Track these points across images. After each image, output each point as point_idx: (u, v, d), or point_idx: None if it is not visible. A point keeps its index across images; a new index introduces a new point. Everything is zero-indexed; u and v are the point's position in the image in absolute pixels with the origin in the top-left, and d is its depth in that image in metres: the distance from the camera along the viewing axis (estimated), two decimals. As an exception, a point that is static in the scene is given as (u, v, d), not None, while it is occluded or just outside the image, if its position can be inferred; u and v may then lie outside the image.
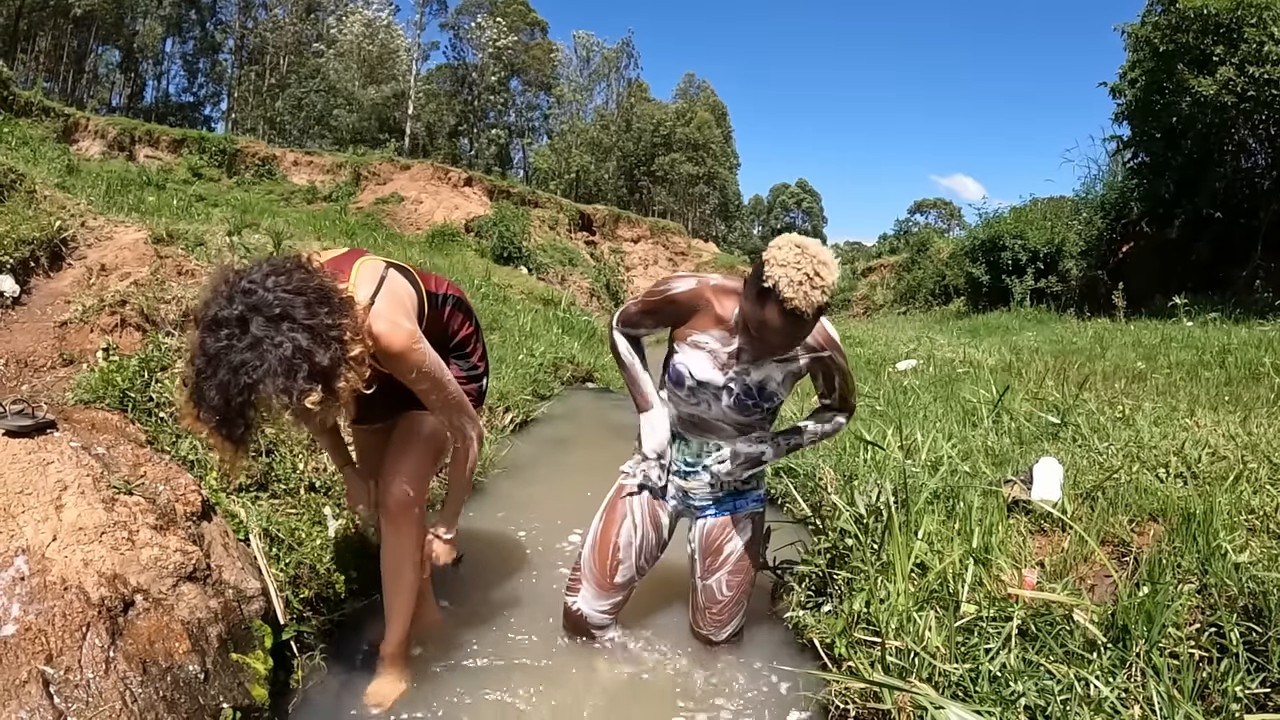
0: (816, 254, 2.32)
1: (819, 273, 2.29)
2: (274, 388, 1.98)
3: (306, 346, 2.01)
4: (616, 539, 3.02)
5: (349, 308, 2.16)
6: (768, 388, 2.76)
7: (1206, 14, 12.96)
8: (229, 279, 2.06)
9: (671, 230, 38.34)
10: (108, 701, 1.84)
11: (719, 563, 3.00)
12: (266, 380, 1.97)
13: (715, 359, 2.75)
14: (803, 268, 2.28)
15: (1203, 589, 2.51)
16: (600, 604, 3.05)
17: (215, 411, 1.99)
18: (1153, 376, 6.18)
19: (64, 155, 13.83)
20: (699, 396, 2.81)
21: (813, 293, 2.28)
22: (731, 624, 3.08)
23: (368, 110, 45.92)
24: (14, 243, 4.29)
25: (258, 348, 1.98)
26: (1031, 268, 17.44)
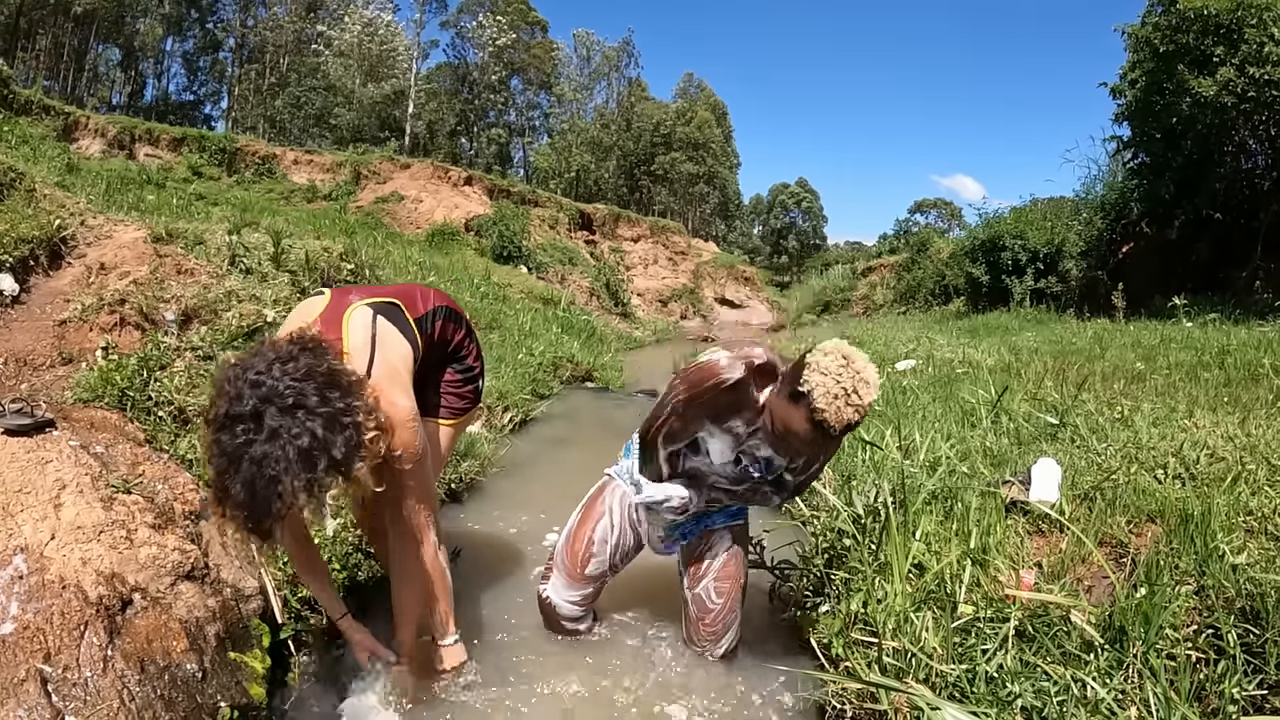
0: (860, 370, 2.25)
1: (858, 390, 2.23)
2: (296, 484, 1.97)
3: (323, 436, 2.00)
4: (591, 533, 3.05)
5: (360, 388, 2.15)
6: (774, 463, 2.76)
7: (1207, 15, 12.94)
8: (234, 374, 2.04)
9: (671, 230, 38.30)
10: (105, 700, 1.85)
11: (703, 570, 3.01)
12: (287, 477, 1.95)
13: (737, 441, 2.71)
14: (842, 382, 2.22)
15: (1200, 590, 2.51)
16: (569, 594, 3.07)
17: (241, 508, 1.97)
18: (1152, 377, 6.18)
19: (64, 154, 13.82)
20: (707, 463, 2.83)
21: (846, 409, 2.22)
22: (726, 637, 3.05)
23: (368, 109, 45.88)
24: (14, 241, 4.29)
25: (276, 439, 1.96)
26: (1031, 268, 17.41)
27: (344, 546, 3.31)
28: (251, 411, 1.97)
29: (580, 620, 3.14)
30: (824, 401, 2.21)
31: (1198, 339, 8.63)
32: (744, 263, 42.52)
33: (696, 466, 2.85)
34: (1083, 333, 10.86)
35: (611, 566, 3.09)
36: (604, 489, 3.12)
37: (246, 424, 1.96)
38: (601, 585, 3.13)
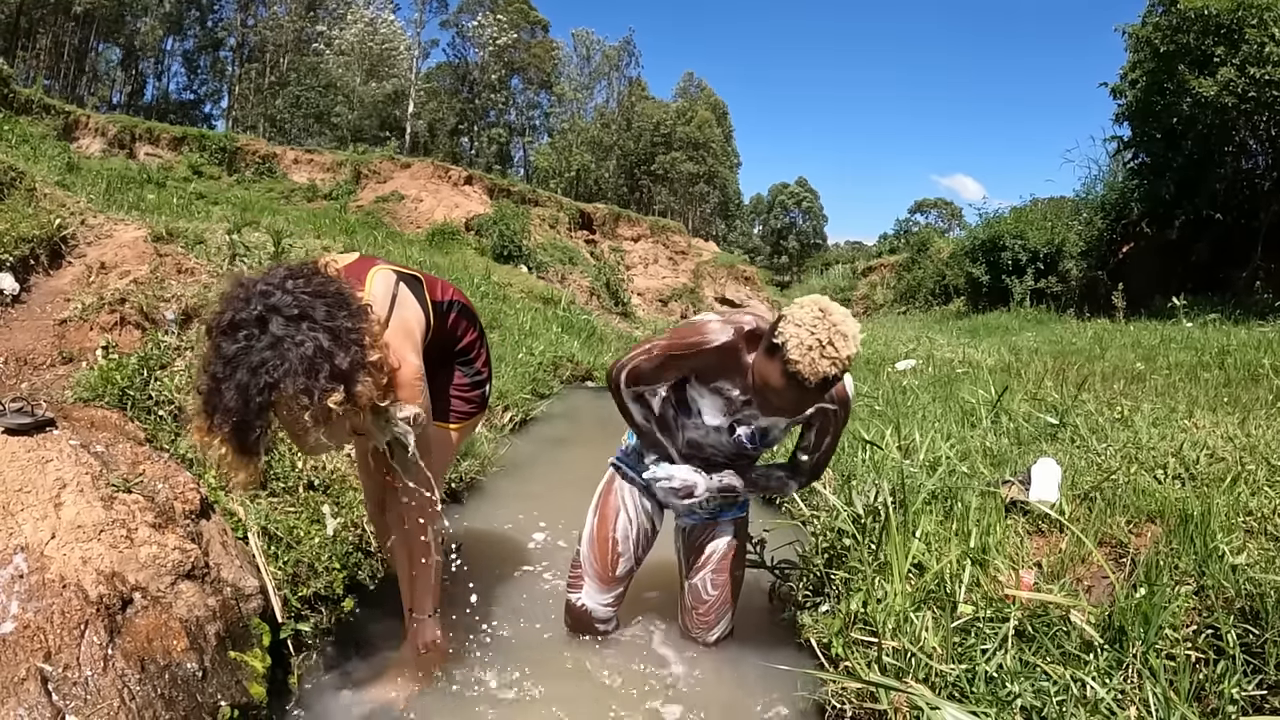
0: (838, 322, 2.21)
1: (833, 342, 2.18)
2: (295, 386, 1.96)
3: (328, 347, 2.00)
4: (614, 533, 3.04)
5: (366, 315, 2.15)
6: (770, 434, 2.77)
7: (1207, 15, 12.96)
8: (245, 283, 2.04)
9: (672, 229, 38.28)
10: (106, 699, 1.85)
11: (701, 561, 3.02)
12: (287, 379, 1.96)
13: (730, 405, 2.71)
14: (817, 333, 2.18)
15: (1200, 590, 2.51)
16: (604, 597, 3.06)
17: (231, 414, 1.96)
18: (1152, 377, 6.18)
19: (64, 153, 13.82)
20: (701, 427, 2.81)
21: (820, 361, 2.17)
22: (719, 626, 3.08)
23: (368, 108, 45.91)
24: (14, 240, 4.30)
25: (278, 347, 1.96)
26: (1031, 268, 17.44)
27: (345, 546, 3.31)
28: (256, 318, 1.98)
29: (612, 620, 3.14)
30: (798, 353, 2.17)
31: (1198, 339, 8.64)
32: (744, 262, 42.47)
33: (694, 438, 2.85)
34: (1083, 333, 10.88)
35: (636, 559, 3.09)
36: (612, 484, 3.12)
37: (250, 329, 1.97)
38: (630, 581, 3.13)
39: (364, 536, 3.47)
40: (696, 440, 2.86)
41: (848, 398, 2.63)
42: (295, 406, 2.00)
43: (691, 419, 2.81)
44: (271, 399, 1.97)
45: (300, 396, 1.97)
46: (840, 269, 34.40)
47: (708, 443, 2.84)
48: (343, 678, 2.80)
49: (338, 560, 3.22)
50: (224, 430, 1.99)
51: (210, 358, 2.01)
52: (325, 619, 2.99)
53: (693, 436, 2.86)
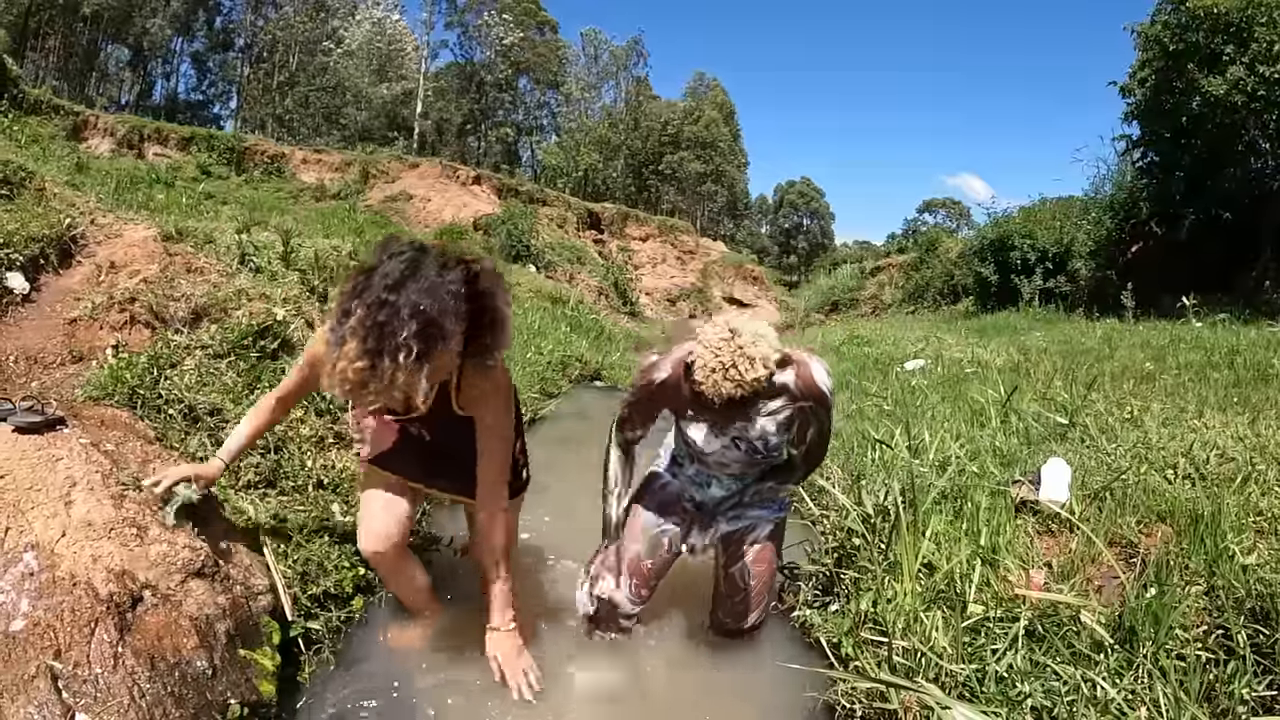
0: (744, 344, 2.24)
1: (737, 365, 2.22)
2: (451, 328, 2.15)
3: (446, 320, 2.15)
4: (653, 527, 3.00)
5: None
6: (769, 441, 2.74)
7: (1216, 13, 12.89)
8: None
9: (680, 229, 38.34)
10: (116, 697, 1.85)
11: (741, 552, 2.99)
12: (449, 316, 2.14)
13: (715, 427, 2.74)
14: (721, 356, 2.23)
15: (1210, 591, 2.50)
16: (634, 593, 3.00)
17: (407, 323, 2.08)
18: (1161, 377, 6.16)
19: (73, 153, 13.90)
20: (712, 453, 2.83)
21: (723, 383, 2.23)
22: (754, 614, 3.04)
23: (376, 108, 45.98)
24: (24, 240, 4.31)
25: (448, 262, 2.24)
26: (1040, 268, 17.36)
27: (354, 544, 3.31)
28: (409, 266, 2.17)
29: (635, 617, 3.08)
30: (701, 375, 2.24)
31: (1207, 339, 8.59)
32: (752, 262, 42.47)
33: (713, 459, 2.86)
34: (1092, 333, 10.82)
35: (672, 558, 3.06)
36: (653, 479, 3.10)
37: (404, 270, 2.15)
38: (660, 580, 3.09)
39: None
40: (717, 460, 2.86)
41: (819, 390, 2.59)
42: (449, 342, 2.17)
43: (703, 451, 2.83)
44: (443, 329, 2.13)
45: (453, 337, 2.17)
46: (848, 268, 34.21)
47: (727, 459, 2.84)
48: (353, 675, 2.81)
49: (347, 559, 3.22)
50: (411, 327, 2.08)
51: (364, 287, 2.13)
52: (335, 617, 2.99)
53: (711, 459, 2.87)
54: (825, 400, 2.62)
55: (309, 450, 3.87)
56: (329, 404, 4.37)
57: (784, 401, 2.61)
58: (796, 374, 2.55)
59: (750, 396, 2.29)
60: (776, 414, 2.65)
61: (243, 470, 3.45)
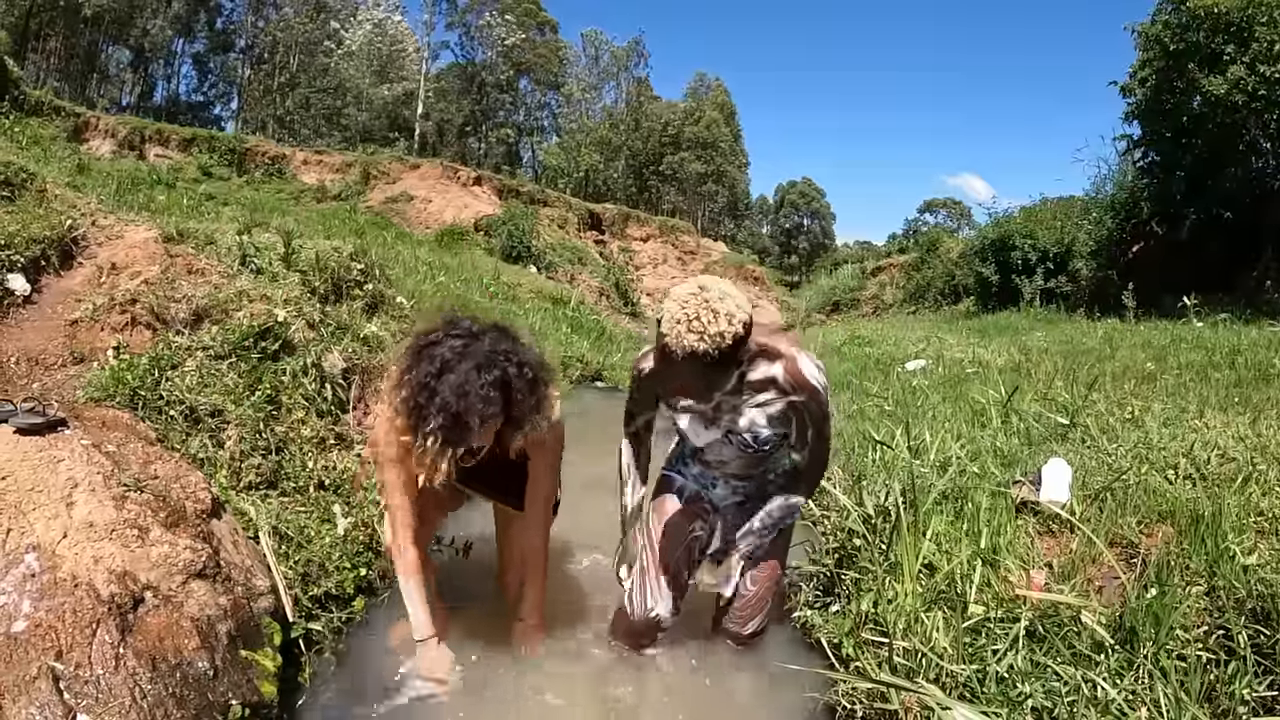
0: (711, 300, 2.24)
1: (701, 317, 2.21)
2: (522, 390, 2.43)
3: (528, 377, 2.46)
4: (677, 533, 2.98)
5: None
6: (759, 433, 2.71)
7: (1217, 13, 12.89)
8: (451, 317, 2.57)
9: (681, 229, 38.33)
10: (117, 697, 1.86)
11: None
12: (519, 381, 2.41)
13: (704, 416, 2.74)
14: (687, 308, 2.23)
15: (1211, 591, 2.50)
16: (672, 604, 2.97)
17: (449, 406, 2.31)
18: (1162, 377, 6.16)
19: (74, 154, 13.90)
20: (708, 448, 2.86)
21: (687, 335, 2.21)
22: (755, 621, 3.03)
23: (377, 109, 46.00)
24: (25, 241, 4.31)
25: (493, 359, 2.40)
26: (1041, 268, 17.35)
27: (355, 545, 3.32)
28: (469, 333, 2.46)
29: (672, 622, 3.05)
30: (667, 326, 2.25)
31: (1208, 339, 8.59)
32: (753, 262, 42.48)
33: (710, 458, 2.88)
34: (1093, 333, 10.82)
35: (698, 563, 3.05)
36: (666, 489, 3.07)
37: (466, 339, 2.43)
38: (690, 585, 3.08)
39: (374, 536, 3.48)
40: (715, 458, 2.88)
41: (808, 383, 2.58)
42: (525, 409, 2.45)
43: (696, 444, 2.86)
44: (495, 397, 2.35)
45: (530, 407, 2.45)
46: (849, 269, 34.20)
47: (725, 456, 2.85)
48: (354, 677, 2.81)
49: (348, 560, 3.23)
50: (438, 421, 2.31)
51: (415, 364, 2.38)
52: (336, 618, 3.00)
53: (709, 457, 2.89)
54: (817, 394, 2.59)
55: (310, 451, 3.88)
56: (330, 405, 4.37)
57: (773, 394, 2.61)
58: (784, 367, 2.55)
59: (720, 362, 2.25)
60: (766, 406, 2.64)
61: (244, 471, 3.45)
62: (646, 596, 2.96)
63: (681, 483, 3.04)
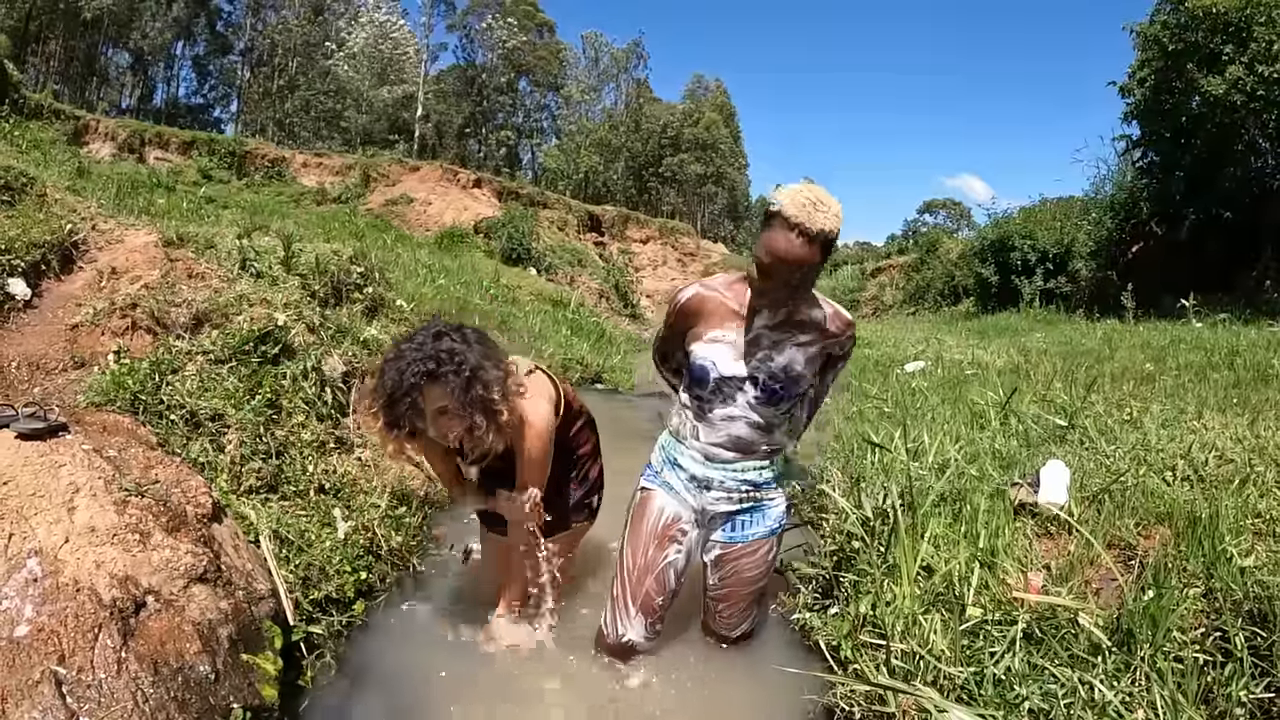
0: (818, 189, 2.47)
1: (823, 199, 2.42)
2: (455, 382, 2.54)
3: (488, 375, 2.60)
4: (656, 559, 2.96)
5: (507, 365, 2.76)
6: (792, 371, 2.74)
7: (1215, 13, 12.92)
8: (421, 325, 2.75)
9: (680, 231, 38.30)
10: (119, 701, 1.86)
11: (733, 567, 2.99)
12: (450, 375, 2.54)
13: (735, 349, 2.75)
14: (806, 194, 2.43)
15: (1208, 593, 2.51)
16: (648, 630, 2.98)
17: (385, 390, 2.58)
18: (1161, 378, 6.16)
19: (74, 158, 13.91)
20: (724, 392, 2.78)
21: (816, 214, 2.40)
22: (744, 625, 3.09)
23: (377, 111, 46.00)
24: (25, 246, 4.32)
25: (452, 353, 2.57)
26: (1041, 268, 17.38)
27: (355, 549, 3.33)
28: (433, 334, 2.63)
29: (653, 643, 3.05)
30: (795, 209, 2.40)
31: (1207, 340, 8.60)
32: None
33: (729, 413, 2.82)
34: (1092, 333, 10.84)
35: (678, 585, 3.04)
36: (645, 507, 3.02)
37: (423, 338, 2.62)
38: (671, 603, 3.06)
39: (375, 540, 3.49)
40: (726, 415, 2.82)
41: (852, 322, 2.87)
42: (446, 399, 2.56)
43: (715, 393, 2.80)
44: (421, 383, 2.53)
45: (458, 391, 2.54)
46: (849, 269, 34.22)
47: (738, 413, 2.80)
48: (354, 680, 2.82)
49: (349, 563, 3.24)
50: (377, 404, 2.61)
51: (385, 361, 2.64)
52: (336, 621, 3.00)
53: (720, 413, 2.83)
54: (853, 337, 2.88)
55: (310, 455, 3.89)
56: (330, 409, 4.38)
57: (814, 335, 2.75)
58: (830, 310, 2.78)
59: (819, 244, 2.46)
60: (806, 346, 2.76)
61: (244, 476, 3.46)
62: (618, 623, 2.97)
63: (661, 502, 2.99)
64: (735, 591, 3.02)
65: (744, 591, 3.02)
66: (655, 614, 2.97)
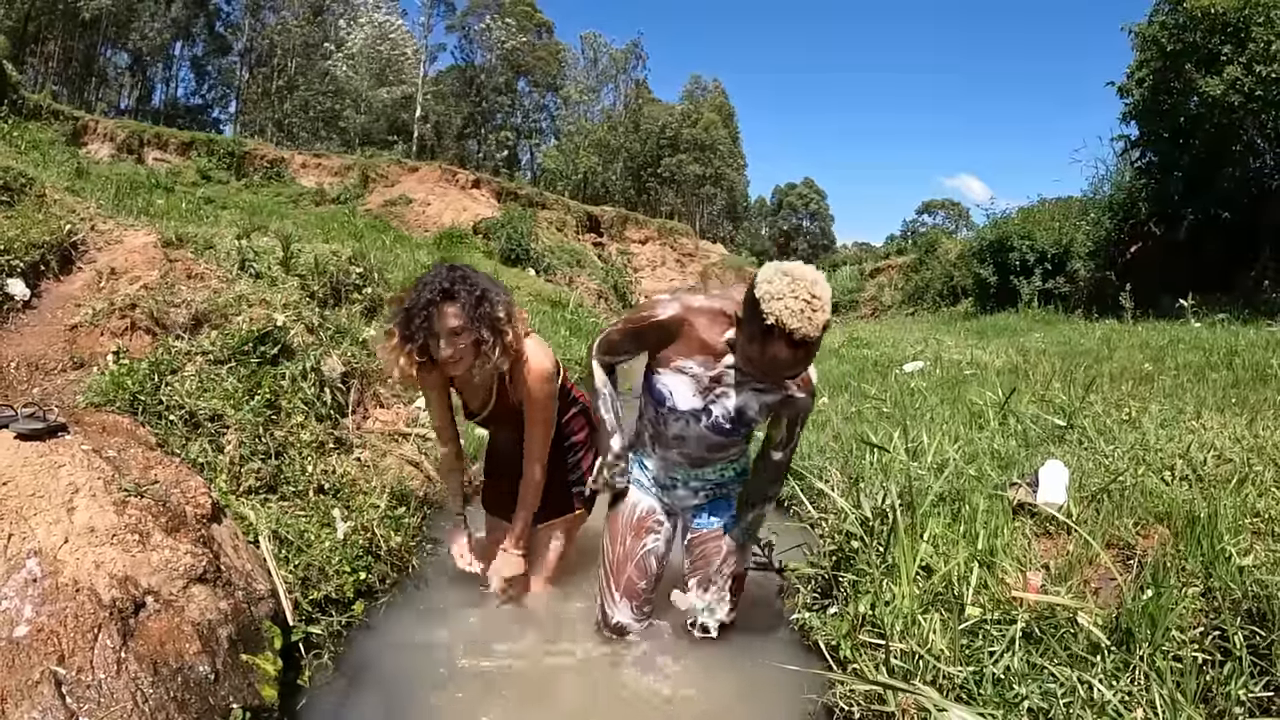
0: (805, 276, 2.35)
1: (815, 294, 2.32)
2: (466, 299, 2.80)
3: (495, 297, 2.88)
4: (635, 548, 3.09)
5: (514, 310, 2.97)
6: (746, 414, 2.83)
7: (1214, 13, 12.92)
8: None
9: (679, 231, 38.34)
10: (119, 702, 1.86)
11: (699, 554, 3.09)
12: (463, 293, 2.80)
13: (697, 384, 2.82)
14: (798, 294, 2.31)
15: (1207, 592, 2.51)
16: (636, 612, 3.11)
17: (404, 305, 2.87)
18: (1160, 378, 6.16)
19: (73, 158, 13.90)
20: (678, 416, 2.89)
21: (815, 315, 2.32)
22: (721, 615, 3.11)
23: (376, 112, 45.97)
24: (24, 246, 4.31)
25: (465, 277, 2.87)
26: (1039, 268, 17.37)
27: (355, 549, 3.33)
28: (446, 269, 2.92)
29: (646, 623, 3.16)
30: (795, 321, 2.30)
31: (1206, 340, 8.59)
32: (752, 264, 42.37)
33: (676, 433, 2.94)
34: (1091, 334, 10.82)
35: (660, 570, 3.16)
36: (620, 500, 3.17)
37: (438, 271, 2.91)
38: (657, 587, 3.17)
39: (374, 540, 3.48)
40: (677, 434, 2.95)
41: (811, 382, 2.82)
42: (459, 320, 2.81)
43: (670, 413, 2.90)
44: (438, 299, 2.81)
45: (469, 307, 2.80)
46: (848, 270, 34.18)
47: (689, 434, 2.92)
48: (353, 680, 2.82)
49: (348, 564, 3.24)
50: (394, 321, 2.89)
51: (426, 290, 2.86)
52: (336, 622, 3.00)
53: (672, 432, 2.95)
54: (812, 394, 2.84)
55: (309, 456, 3.88)
56: (329, 409, 4.38)
57: (778, 391, 2.77)
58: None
59: (820, 338, 2.40)
60: (764, 394, 2.79)
61: (244, 476, 3.46)
62: (607, 608, 3.11)
63: (634, 497, 3.14)
64: (713, 575, 3.07)
65: (725, 570, 3.06)
66: (640, 598, 3.10)
